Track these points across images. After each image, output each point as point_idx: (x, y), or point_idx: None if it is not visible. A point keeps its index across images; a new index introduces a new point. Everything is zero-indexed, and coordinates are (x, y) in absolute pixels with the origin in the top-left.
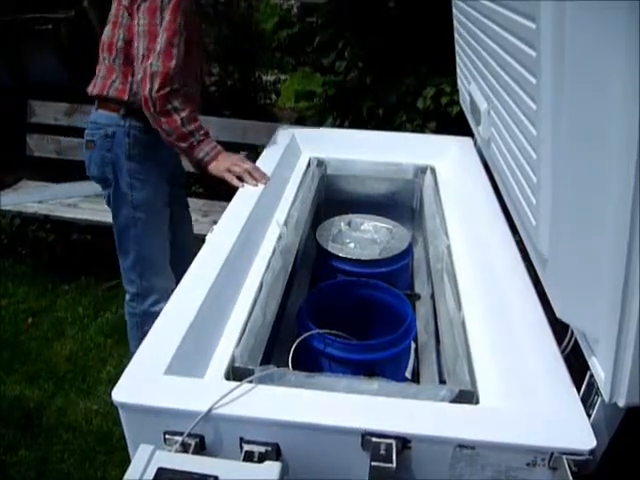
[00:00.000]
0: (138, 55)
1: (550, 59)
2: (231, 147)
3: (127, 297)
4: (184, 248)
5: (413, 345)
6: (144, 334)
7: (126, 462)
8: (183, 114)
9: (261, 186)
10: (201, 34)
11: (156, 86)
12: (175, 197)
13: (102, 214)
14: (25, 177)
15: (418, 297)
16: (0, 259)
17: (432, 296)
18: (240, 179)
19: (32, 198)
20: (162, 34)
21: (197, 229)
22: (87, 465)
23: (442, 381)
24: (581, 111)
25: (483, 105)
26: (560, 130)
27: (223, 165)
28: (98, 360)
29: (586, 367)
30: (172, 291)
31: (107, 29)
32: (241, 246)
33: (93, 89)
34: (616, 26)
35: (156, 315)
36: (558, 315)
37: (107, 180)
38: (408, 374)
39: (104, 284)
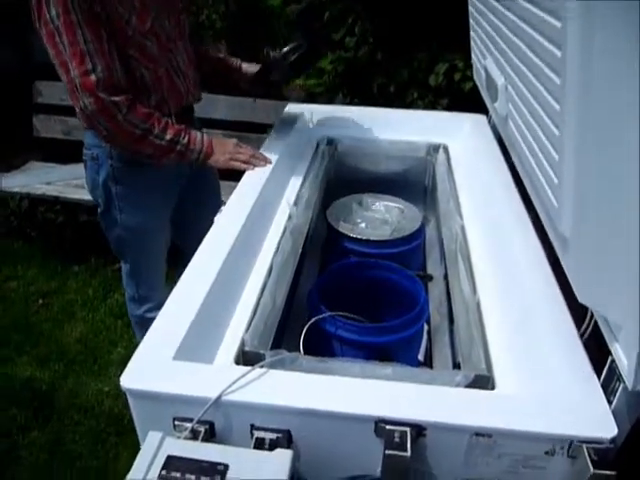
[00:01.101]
0: (68, 92)
1: (577, 31)
2: (240, 126)
3: (126, 295)
4: None
5: (426, 327)
6: (144, 333)
7: (138, 444)
8: (155, 130)
9: (269, 166)
10: (166, 16)
11: (103, 120)
12: (199, 209)
13: None
14: (32, 158)
15: (430, 278)
16: (9, 241)
17: (445, 277)
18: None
19: (40, 179)
20: (70, 63)
21: None
22: (99, 446)
23: (456, 364)
24: (609, 85)
25: (500, 80)
26: (586, 105)
27: (223, 157)
28: (108, 342)
29: (607, 352)
30: None
31: None
32: (250, 227)
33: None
34: None
35: (151, 321)
36: (580, 299)
37: (97, 203)
38: (421, 357)
39: (114, 265)
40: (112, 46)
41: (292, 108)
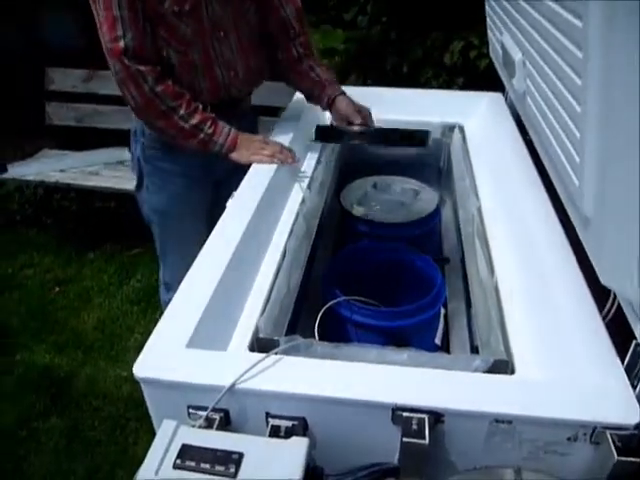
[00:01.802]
0: None
1: (599, 1)
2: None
3: (161, 286)
4: None
5: (443, 311)
6: None
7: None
8: (180, 111)
9: (292, 162)
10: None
11: (132, 89)
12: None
13: (124, 181)
14: (45, 146)
15: (447, 261)
16: (25, 229)
17: (462, 260)
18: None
19: (54, 167)
20: (102, 28)
21: None
22: (118, 432)
23: (474, 348)
24: (633, 58)
25: (518, 55)
26: (610, 78)
27: (247, 152)
28: (125, 328)
29: (631, 335)
30: None
31: None
32: (263, 211)
33: None
34: None
35: None
36: (602, 281)
37: (135, 178)
38: (438, 341)
39: (129, 251)
40: (145, 19)
41: None
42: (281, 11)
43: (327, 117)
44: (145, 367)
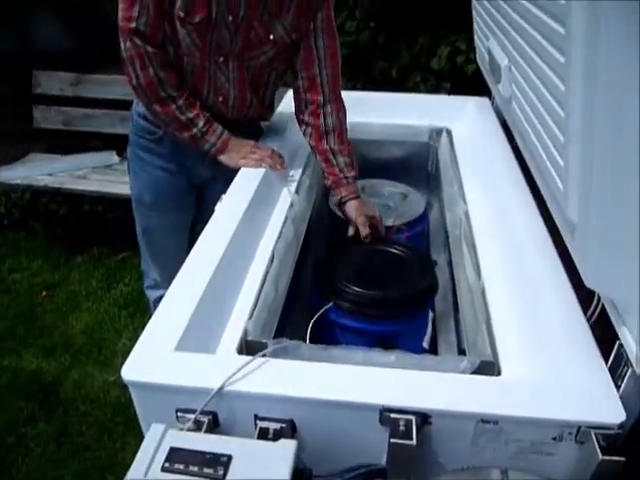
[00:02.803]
0: None
1: (582, 6)
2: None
3: (146, 282)
4: None
5: (431, 314)
6: None
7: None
8: (179, 101)
9: (280, 168)
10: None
11: (137, 67)
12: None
13: (112, 185)
14: (33, 150)
15: (435, 264)
16: (13, 233)
17: (450, 263)
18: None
19: (41, 171)
20: (120, 2)
21: None
22: (106, 436)
23: (461, 351)
24: (615, 64)
25: (503, 61)
26: (592, 83)
27: (237, 156)
28: (113, 332)
29: (614, 337)
30: None
31: None
32: (251, 216)
33: None
34: None
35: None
36: (587, 283)
37: None
38: (426, 344)
39: (117, 255)
40: (166, 14)
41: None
42: (315, 69)
43: None
44: (133, 370)
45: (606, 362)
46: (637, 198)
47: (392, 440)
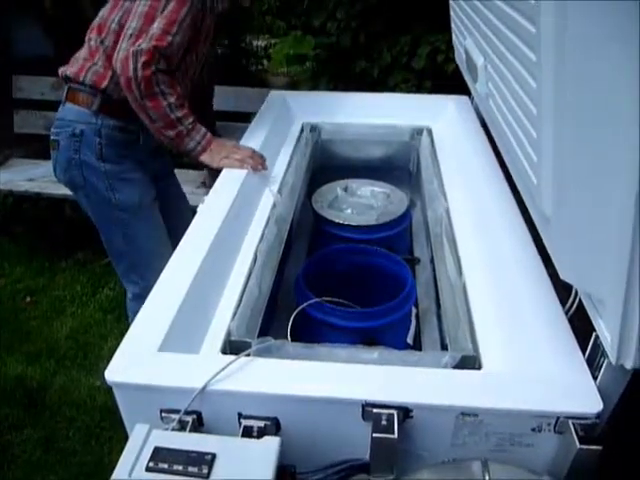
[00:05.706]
0: (126, 34)
1: (551, 5)
2: (223, 115)
3: (129, 295)
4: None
5: (414, 311)
6: None
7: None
8: (171, 99)
9: (262, 169)
10: (210, 42)
11: (140, 64)
12: (166, 191)
13: None
14: (14, 155)
15: (418, 261)
16: None
17: (432, 260)
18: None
19: (23, 176)
20: (160, 20)
21: (193, 201)
22: (93, 441)
23: (445, 346)
24: (584, 61)
25: (480, 60)
26: (562, 81)
27: (218, 156)
28: (99, 337)
29: (591, 329)
30: None
31: (104, 10)
32: (234, 216)
33: (67, 69)
34: None
35: None
36: (562, 276)
37: (76, 184)
38: (410, 340)
39: (101, 260)
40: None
41: (275, 95)
42: None
43: (298, 119)
44: (117, 371)
45: (584, 353)
46: (608, 192)
47: (374, 435)
